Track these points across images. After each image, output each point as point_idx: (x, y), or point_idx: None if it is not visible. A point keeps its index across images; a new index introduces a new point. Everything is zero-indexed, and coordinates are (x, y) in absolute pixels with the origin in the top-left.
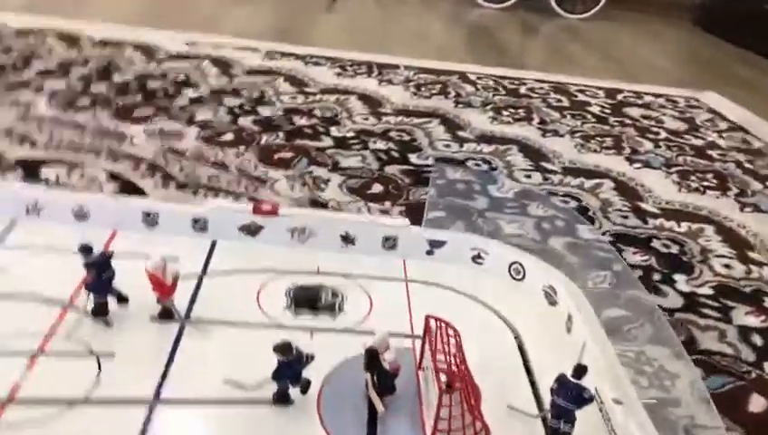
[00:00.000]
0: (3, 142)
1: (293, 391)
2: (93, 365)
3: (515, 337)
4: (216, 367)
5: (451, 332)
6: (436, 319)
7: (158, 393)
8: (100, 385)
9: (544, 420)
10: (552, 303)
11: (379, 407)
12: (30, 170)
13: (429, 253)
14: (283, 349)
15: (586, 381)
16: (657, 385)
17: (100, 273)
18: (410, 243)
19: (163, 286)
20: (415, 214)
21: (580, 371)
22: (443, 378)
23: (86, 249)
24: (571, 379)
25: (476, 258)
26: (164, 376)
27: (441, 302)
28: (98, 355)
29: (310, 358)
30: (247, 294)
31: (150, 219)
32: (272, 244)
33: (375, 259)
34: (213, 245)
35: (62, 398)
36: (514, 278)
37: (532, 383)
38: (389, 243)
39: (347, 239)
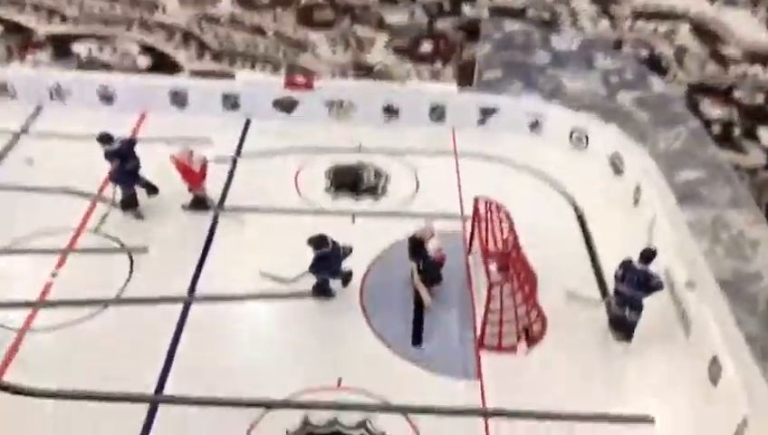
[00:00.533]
0: (32, 17)
1: (335, 283)
2: (126, 262)
3: (578, 214)
4: (252, 259)
5: (503, 215)
6: (486, 201)
7: (192, 289)
8: (133, 282)
9: (608, 306)
10: (619, 171)
11: (426, 298)
12: (60, 47)
13: (481, 122)
14: (318, 242)
15: (655, 266)
16: (735, 254)
17: (123, 163)
18: (460, 111)
19: (192, 174)
20: (468, 75)
21: (649, 255)
22: (493, 267)
23: (105, 138)
24: (638, 264)
25: (534, 125)
26: (198, 270)
27: (494, 177)
28: (130, 251)
29: (348, 250)
30: (285, 176)
31: (179, 99)
32: (308, 120)
33: (421, 131)
34: (247, 124)
35: (94, 298)
36: (576, 146)
37: (595, 266)
38: (437, 113)
39: (390, 111)
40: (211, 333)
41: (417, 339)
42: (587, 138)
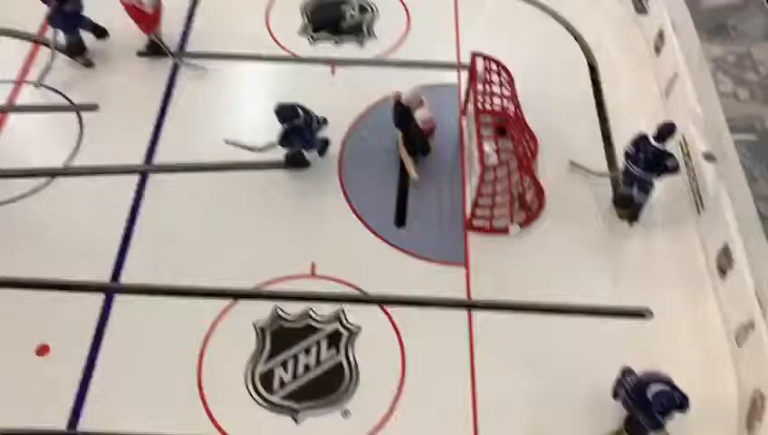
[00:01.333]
0: None
1: (311, 153)
2: (74, 122)
3: (590, 66)
4: (216, 118)
5: (504, 75)
6: (486, 58)
7: (149, 156)
8: (83, 149)
9: (615, 183)
10: (641, 10)
11: (412, 172)
12: None
13: None
14: (287, 114)
15: (670, 145)
16: (761, 98)
17: (61, 3)
18: None
19: (145, 16)
20: None
21: (666, 132)
22: (487, 147)
23: None
24: (654, 142)
25: None
26: (156, 132)
27: (498, 16)
28: (78, 109)
29: (322, 121)
30: (254, 12)
31: None
32: None
33: None
34: None
35: (39, 168)
36: None
37: (605, 132)
38: None
39: None
40: (171, 209)
41: (400, 219)
42: None
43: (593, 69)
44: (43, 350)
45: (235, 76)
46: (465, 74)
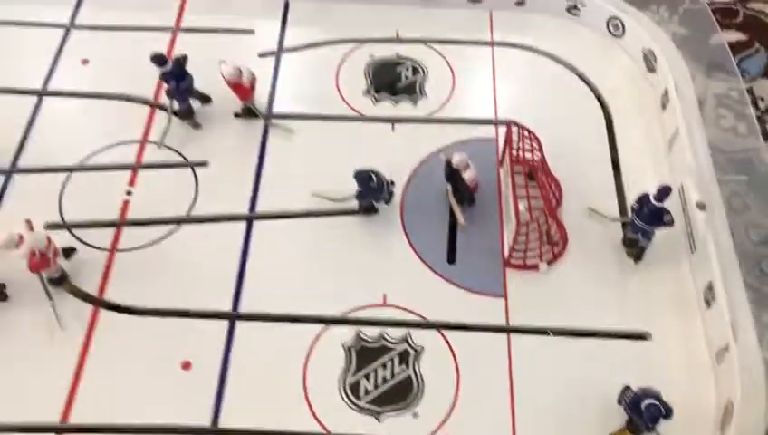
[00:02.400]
0: None
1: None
2: (190, 176)
3: (606, 117)
4: (303, 170)
5: (534, 140)
6: (520, 127)
7: (252, 206)
8: (200, 199)
9: (624, 227)
10: (651, 69)
11: (460, 218)
12: None
13: (519, 3)
14: (364, 178)
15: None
16: (759, 132)
17: (179, 83)
18: None
19: (242, 90)
20: None
21: (663, 193)
22: (521, 206)
23: (160, 59)
24: (654, 201)
25: (572, 9)
26: (256, 185)
27: (528, 73)
28: (193, 165)
29: (390, 184)
30: (326, 78)
31: None
32: (348, 2)
33: (458, 15)
34: (286, 8)
35: (168, 217)
36: (612, 34)
37: (617, 179)
38: None
39: None
40: (273, 251)
41: (451, 257)
42: (623, 27)
43: (609, 123)
44: (186, 365)
45: (315, 133)
46: (501, 129)
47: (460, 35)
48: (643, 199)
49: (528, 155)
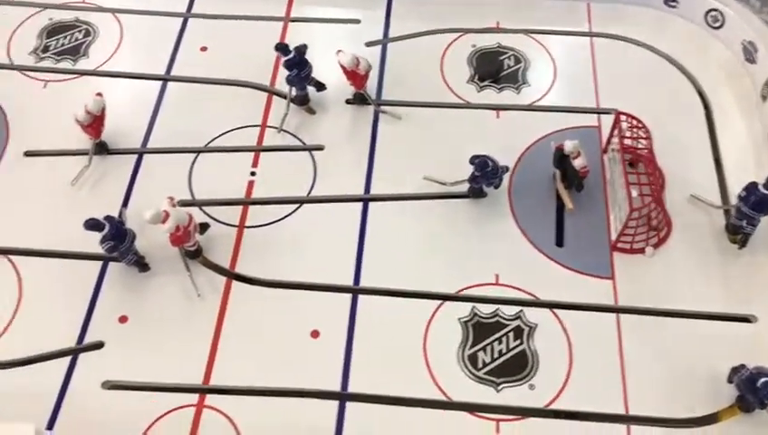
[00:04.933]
0: None
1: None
2: (308, 159)
3: (705, 108)
4: (412, 154)
5: (642, 129)
6: (628, 115)
7: (367, 188)
8: (318, 182)
9: (727, 214)
10: (751, 60)
11: (569, 204)
12: None
13: None
14: (481, 163)
15: None
16: None
17: (300, 71)
18: None
19: (357, 78)
20: None
21: None
22: (634, 192)
23: (283, 48)
24: (762, 189)
25: (670, 1)
26: (369, 168)
27: (627, 60)
28: (310, 149)
29: (505, 170)
30: (430, 66)
31: None
32: None
33: (557, 6)
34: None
35: (290, 197)
36: (711, 26)
37: (719, 169)
38: None
39: None
40: (387, 230)
41: (560, 240)
42: (723, 18)
43: (709, 113)
44: (314, 334)
45: (423, 120)
46: (603, 118)
47: (559, 26)
48: (751, 187)
49: (634, 143)
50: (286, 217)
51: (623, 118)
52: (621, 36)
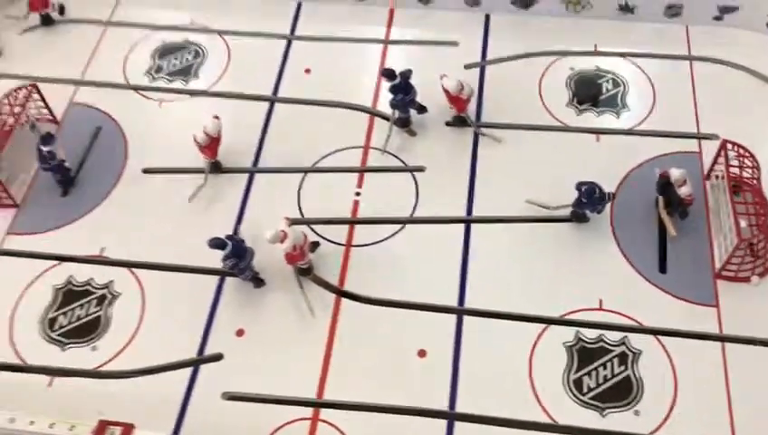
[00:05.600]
0: None
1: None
2: (409, 180)
3: None
4: (513, 177)
5: (750, 159)
6: (734, 144)
7: (469, 210)
8: (420, 202)
9: None
10: None
11: (672, 231)
12: None
13: (718, 18)
14: (590, 190)
15: None
16: None
17: (405, 96)
18: (696, 7)
19: (459, 102)
20: None
21: None
22: (743, 223)
23: (390, 74)
24: None
25: None
26: (471, 191)
27: (728, 84)
28: (412, 171)
29: (610, 196)
30: (528, 88)
31: None
32: (545, 15)
33: (655, 30)
34: (487, 20)
35: (394, 217)
36: None
37: None
38: (673, 10)
39: (625, 8)
40: (490, 252)
41: (662, 267)
42: None
43: None
44: (422, 353)
45: (522, 143)
46: (704, 144)
47: (657, 49)
48: None
49: (740, 171)
50: (391, 236)
51: (729, 146)
52: (721, 60)
